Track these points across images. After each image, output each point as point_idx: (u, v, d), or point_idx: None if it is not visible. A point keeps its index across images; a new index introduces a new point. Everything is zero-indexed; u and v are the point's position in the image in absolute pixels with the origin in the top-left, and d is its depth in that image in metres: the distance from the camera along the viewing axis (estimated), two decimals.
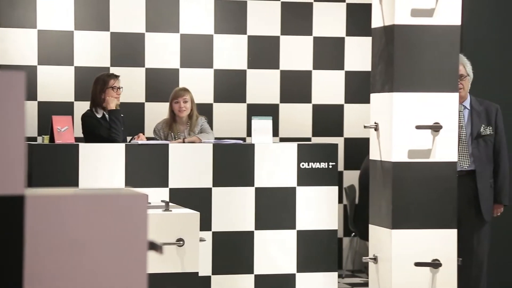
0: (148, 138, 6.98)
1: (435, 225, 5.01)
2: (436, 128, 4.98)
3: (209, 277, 6.40)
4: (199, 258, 5.19)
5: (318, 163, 6.57)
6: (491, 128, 5.76)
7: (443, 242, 5.00)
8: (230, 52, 8.29)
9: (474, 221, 5.72)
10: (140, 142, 6.51)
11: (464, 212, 5.58)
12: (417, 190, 4.99)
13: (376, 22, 5.17)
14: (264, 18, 8.34)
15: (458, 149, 5.58)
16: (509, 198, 5.88)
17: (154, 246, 2.47)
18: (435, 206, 5.00)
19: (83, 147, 6.32)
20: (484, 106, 5.80)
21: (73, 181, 6.22)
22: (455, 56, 5.03)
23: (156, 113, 7.81)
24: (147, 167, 6.37)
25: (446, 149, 5.01)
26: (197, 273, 5.13)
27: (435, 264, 4.96)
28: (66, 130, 6.39)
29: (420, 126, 4.96)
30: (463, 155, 5.70)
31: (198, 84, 8.11)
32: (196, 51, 8.21)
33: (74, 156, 6.25)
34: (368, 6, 5.47)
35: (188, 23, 8.18)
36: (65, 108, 7.74)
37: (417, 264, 4.93)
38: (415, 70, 4.98)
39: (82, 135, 6.92)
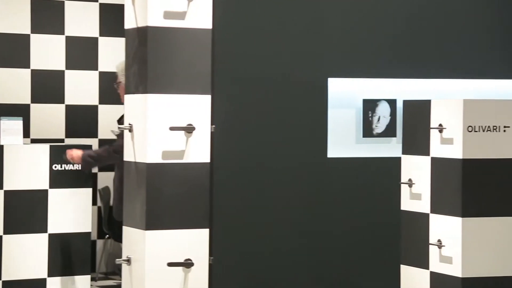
0: None
1: (188, 225, 5.07)
2: (189, 129, 5.05)
3: None
4: None
5: (71, 165, 6.47)
6: None
7: (195, 242, 5.08)
8: None
9: None
10: None
11: None
12: (171, 191, 5.03)
13: (129, 23, 5.16)
14: (12, 15, 8.08)
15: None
16: None
17: None
18: (188, 206, 5.07)
19: None
20: None
21: None
22: (207, 59, 5.12)
23: None
24: None
25: (199, 150, 5.09)
26: None
27: (187, 264, 5.02)
28: None
29: (173, 128, 5.01)
30: None
31: None
32: None
33: None
34: (121, 7, 5.44)
35: None
36: None
37: (170, 264, 4.98)
38: (168, 72, 5.02)
39: None
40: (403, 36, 7.59)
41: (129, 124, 5.14)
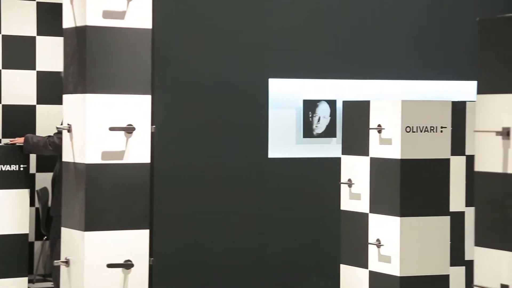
0: None
1: (128, 226, 5.04)
2: (129, 129, 5.02)
3: None
4: None
5: (8, 166, 6.38)
6: None
7: (135, 243, 5.05)
8: None
9: None
10: None
11: None
12: (111, 192, 5.00)
13: (68, 22, 5.10)
14: None
15: None
16: None
17: None
18: (128, 207, 5.04)
19: None
20: None
21: None
22: (147, 59, 5.10)
23: None
24: None
25: (139, 151, 5.06)
26: None
27: (127, 265, 4.99)
28: None
29: (113, 128, 4.97)
30: None
31: None
32: None
33: None
34: (60, 6, 5.38)
35: None
36: None
37: (110, 266, 4.94)
38: (108, 72, 4.99)
39: None
40: (342, 37, 7.66)
41: (68, 125, 5.09)
